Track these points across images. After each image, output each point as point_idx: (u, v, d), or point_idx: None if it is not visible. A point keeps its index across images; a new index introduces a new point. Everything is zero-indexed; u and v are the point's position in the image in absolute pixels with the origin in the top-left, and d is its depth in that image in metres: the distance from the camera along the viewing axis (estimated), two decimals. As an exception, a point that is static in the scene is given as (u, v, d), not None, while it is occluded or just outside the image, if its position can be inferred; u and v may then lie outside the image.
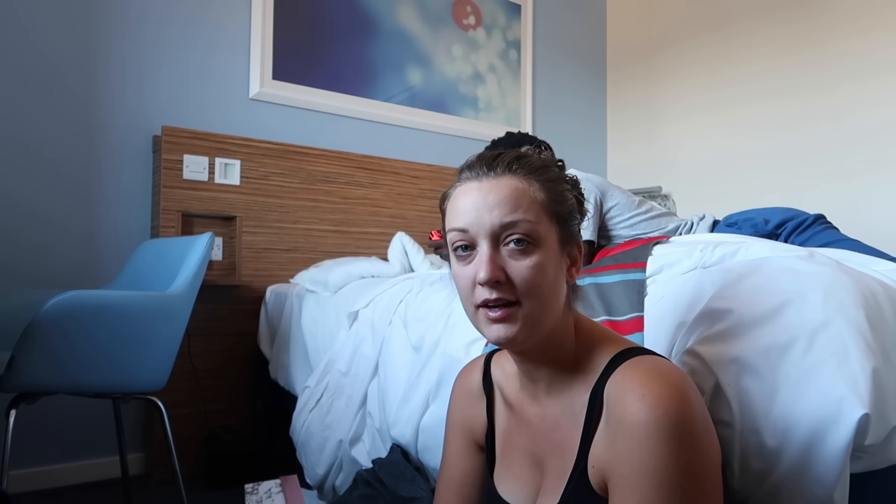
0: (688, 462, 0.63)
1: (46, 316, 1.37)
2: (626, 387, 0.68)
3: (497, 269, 0.70)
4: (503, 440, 0.85)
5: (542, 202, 0.73)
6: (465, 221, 0.72)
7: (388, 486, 1.32)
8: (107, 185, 2.27)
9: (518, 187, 0.72)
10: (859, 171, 2.66)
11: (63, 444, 2.13)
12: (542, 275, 0.71)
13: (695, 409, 0.65)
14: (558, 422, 0.76)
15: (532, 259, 0.70)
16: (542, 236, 0.72)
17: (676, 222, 1.75)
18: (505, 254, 0.71)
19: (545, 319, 0.72)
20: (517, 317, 0.70)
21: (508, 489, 0.82)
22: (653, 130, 3.55)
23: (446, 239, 0.78)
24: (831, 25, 2.79)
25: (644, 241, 1.24)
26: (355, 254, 2.65)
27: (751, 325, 0.85)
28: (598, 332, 0.78)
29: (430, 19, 3.10)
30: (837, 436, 0.74)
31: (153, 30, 2.38)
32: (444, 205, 0.79)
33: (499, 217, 0.71)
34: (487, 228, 0.71)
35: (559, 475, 0.74)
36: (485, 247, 0.71)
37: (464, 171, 0.77)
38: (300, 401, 1.81)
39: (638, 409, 0.65)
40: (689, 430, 0.64)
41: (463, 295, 0.74)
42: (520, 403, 0.82)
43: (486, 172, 0.74)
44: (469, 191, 0.74)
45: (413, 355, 1.43)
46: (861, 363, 0.76)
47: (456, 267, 0.75)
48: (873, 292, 0.87)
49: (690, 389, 0.67)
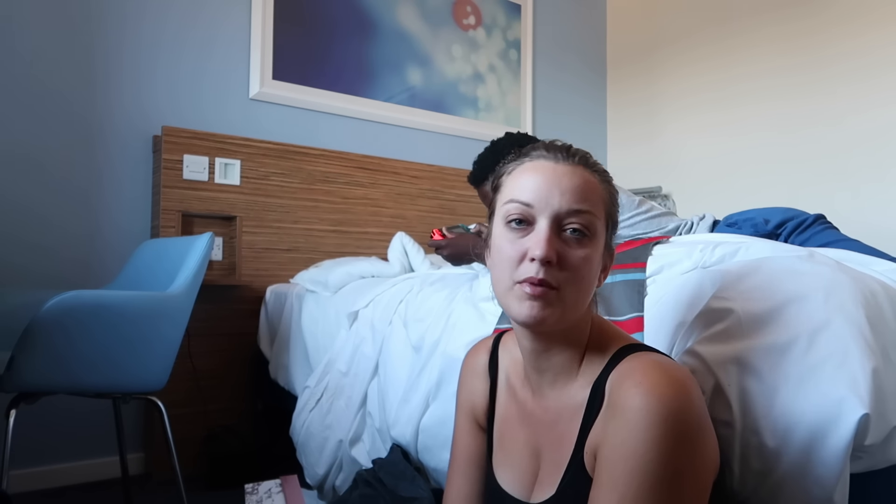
0: (672, 456, 0.63)
1: (46, 316, 1.37)
2: (626, 375, 0.68)
3: (553, 249, 0.70)
4: (502, 426, 0.85)
5: (605, 201, 0.75)
6: (531, 196, 0.72)
7: (388, 486, 1.32)
8: (107, 185, 2.27)
9: (591, 181, 0.74)
10: (860, 171, 2.66)
11: (63, 444, 2.13)
12: (588, 267, 0.72)
13: (692, 407, 0.65)
14: (560, 414, 0.76)
15: (585, 251, 0.71)
16: (597, 232, 0.73)
17: (676, 222, 1.75)
18: (561, 239, 0.71)
19: (575, 311, 0.72)
20: (554, 300, 0.70)
21: (506, 478, 0.82)
22: (653, 130, 3.55)
23: (493, 210, 0.78)
24: (832, 25, 2.78)
25: (644, 241, 1.24)
26: (355, 254, 2.65)
27: (751, 325, 0.85)
28: (609, 329, 0.79)
29: (430, 19, 3.10)
30: (837, 436, 0.74)
31: (153, 29, 2.38)
32: (502, 178, 0.78)
33: (569, 202, 0.71)
34: (555, 209, 0.71)
35: (556, 466, 0.75)
36: (544, 225, 0.71)
37: (537, 149, 0.77)
38: (300, 401, 1.81)
39: (633, 394, 0.65)
40: (681, 424, 0.63)
41: (504, 268, 0.73)
42: (524, 393, 0.83)
43: (564, 157, 0.75)
44: (542, 168, 0.74)
45: (413, 355, 1.43)
46: (861, 363, 0.76)
47: (503, 238, 0.74)
48: (873, 292, 0.87)
49: (692, 387, 0.66)
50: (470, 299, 1.37)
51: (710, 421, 0.68)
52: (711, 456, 0.67)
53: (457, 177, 2.98)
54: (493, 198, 0.80)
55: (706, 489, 0.66)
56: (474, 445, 0.90)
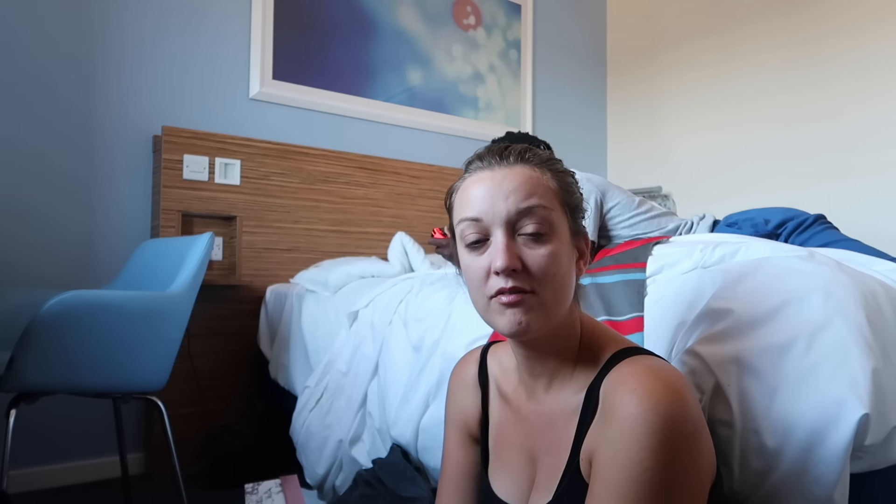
0: (668, 464, 0.62)
1: (46, 316, 1.37)
2: (621, 381, 0.67)
3: (514, 256, 0.69)
4: (497, 435, 0.84)
5: (555, 190, 0.73)
6: (478, 210, 0.72)
7: (388, 486, 1.32)
8: (107, 185, 2.27)
9: (532, 175, 0.72)
10: (860, 171, 2.66)
11: (63, 444, 2.13)
12: (556, 264, 0.70)
13: (688, 414, 0.64)
14: (554, 419, 0.76)
15: (547, 248, 0.70)
16: (556, 225, 0.72)
17: (676, 222, 1.75)
18: (520, 242, 0.70)
19: (558, 309, 0.71)
20: (532, 305, 0.69)
21: (502, 486, 0.81)
22: (653, 130, 3.56)
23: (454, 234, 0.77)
24: (830, 20, 2.78)
25: (644, 241, 1.24)
26: (355, 254, 2.65)
27: (751, 325, 0.85)
28: (600, 331, 0.78)
29: (430, 19, 3.10)
30: (837, 436, 0.74)
31: (153, 29, 2.38)
32: (452, 199, 0.78)
33: (515, 203, 0.70)
34: (503, 216, 0.70)
35: (552, 472, 0.74)
36: (500, 235, 0.70)
37: (473, 162, 0.76)
38: (300, 401, 1.81)
39: (628, 401, 0.64)
40: (677, 432, 0.62)
41: (474, 287, 0.73)
42: (517, 400, 0.81)
43: (498, 162, 0.73)
44: (481, 180, 0.73)
45: (413, 355, 1.43)
46: (861, 363, 0.76)
47: (467, 258, 0.74)
48: (873, 292, 0.87)
49: (687, 394, 0.65)
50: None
51: (705, 426, 0.68)
52: (708, 461, 0.67)
53: (457, 177, 2.93)
54: (450, 220, 0.79)
55: (703, 495, 0.66)
56: (466, 458, 0.89)
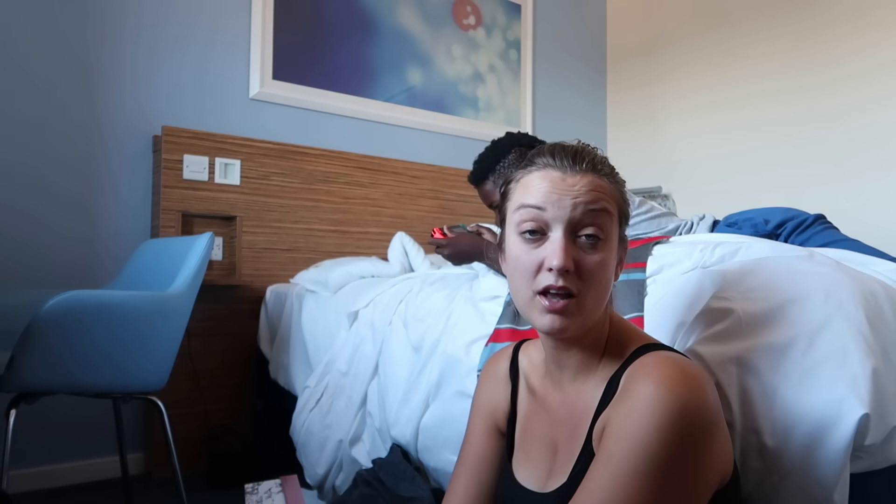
0: (672, 446, 0.62)
1: (46, 316, 1.37)
2: (640, 368, 0.69)
3: (570, 257, 0.70)
4: (523, 426, 0.86)
5: (615, 199, 0.75)
6: (542, 201, 0.72)
7: (388, 486, 1.32)
8: (107, 185, 2.27)
9: (600, 184, 0.74)
10: (859, 172, 2.66)
11: (63, 444, 2.13)
12: (606, 271, 0.72)
13: (703, 406, 0.64)
14: (576, 407, 0.77)
15: (601, 255, 0.72)
16: (611, 233, 0.73)
17: (676, 222, 1.75)
18: (577, 245, 0.72)
19: (596, 313, 0.73)
20: (574, 310, 0.71)
21: (524, 474, 0.83)
22: (653, 130, 3.55)
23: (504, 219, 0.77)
24: (833, 25, 2.78)
25: (644, 241, 1.24)
26: (355, 254, 2.65)
27: (751, 325, 0.85)
28: (628, 328, 0.80)
29: (430, 19, 3.10)
30: (837, 436, 0.74)
31: (153, 29, 2.38)
32: (510, 185, 0.78)
33: (582, 209, 0.71)
34: (568, 217, 0.71)
35: (569, 456, 0.75)
36: (560, 233, 0.71)
37: (542, 156, 0.76)
38: (300, 401, 1.81)
39: (643, 383, 0.66)
40: (688, 419, 0.63)
41: (521, 278, 0.73)
42: (543, 391, 0.83)
43: (571, 165, 0.74)
44: (551, 178, 0.73)
45: (413, 355, 1.43)
46: (861, 363, 0.76)
47: (518, 248, 0.74)
48: (873, 292, 0.87)
49: (707, 388, 0.66)
50: (470, 299, 1.37)
51: (723, 426, 0.67)
52: (718, 462, 0.66)
53: (457, 177, 2.98)
54: (503, 205, 0.80)
55: (705, 491, 0.65)
56: (487, 447, 0.90)
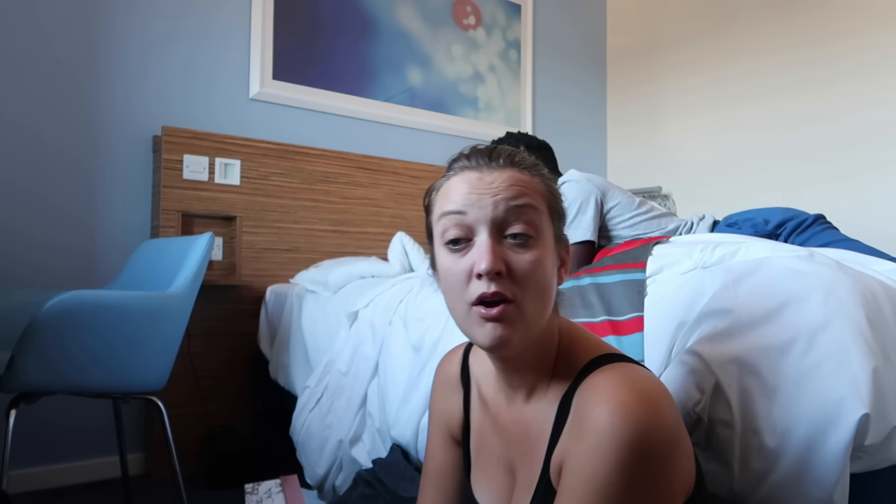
0: (636, 479, 0.59)
1: (46, 316, 1.37)
2: (593, 392, 0.64)
3: (499, 258, 0.65)
4: (478, 440, 0.82)
5: (543, 194, 0.70)
6: (462, 204, 0.67)
7: (388, 486, 1.32)
8: (107, 185, 2.27)
9: (522, 178, 0.69)
10: (859, 171, 2.66)
11: (63, 444, 2.13)
12: (541, 271, 0.67)
13: (662, 428, 0.60)
14: (530, 430, 0.73)
15: (533, 253, 0.66)
16: (542, 230, 0.68)
17: (676, 222, 1.75)
18: (505, 246, 0.67)
19: (539, 321, 0.68)
20: (514, 315, 0.65)
21: (483, 494, 0.80)
22: (653, 130, 3.56)
23: (431, 234, 0.73)
24: (831, 22, 2.78)
25: (644, 241, 1.24)
26: (355, 254, 2.65)
27: (751, 325, 0.85)
28: (578, 337, 0.74)
29: (430, 19, 3.10)
30: (837, 436, 0.74)
31: (153, 29, 2.38)
32: (431, 197, 0.73)
33: (504, 205, 0.66)
34: (491, 215, 0.66)
35: (527, 483, 0.72)
36: (485, 235, 0.66)
37: (458, 160, 0.72)
38: (300, 401, 1.81)
39: (598, 412, 0.61)
40: (648, 447, 0.59)
41: (454, 292, 0.68)
42: (496, 407, 0.78)
43: (487, 163, 0.69)
44: (468, 179, 0.69)
45: (413, 355, 1.43)
46: (861, 363, 0.76)
47: (446, 260, 0.69)
48: (873, 292, 0.87)
49: (664, 406, 0.62)
50: (470, 299, 1.37)
51: (684, 440, 0.64)
52: (683, 476, 0.64)
53: (457, 177, 2.97)
54: (427, 220, 0.74)
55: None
56: (448, 459, 0.87)
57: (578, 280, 1.14)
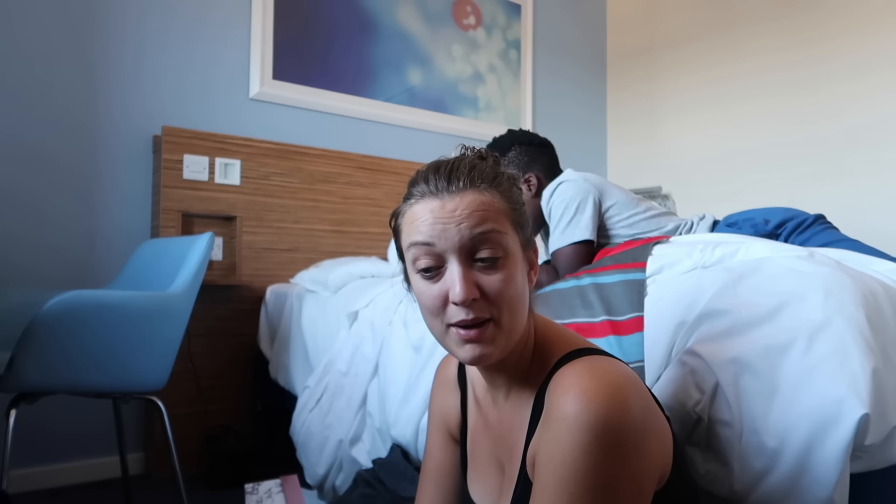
0: (603, 463, 0.60)
1: (46, 316, 1.38)
2: (559, 383, 0.66)
3: (472, 287, 0.67)
4: (472, 439, 0.85)
5: (505, 211, 0.71)
6: (429, 235, 0.68)
7: (388, 486, 1.32)
8: (107, 185, 2.27)
9: (483, 200, 0.69)
10: (859, 171, 2.66)
11: (63, 444, 2.13)
12: (513, 287, 0.69)
13: (626, 413, 0.62)
14: (511, 427, 0.75)
15: (503, 273, 0.68)
16: (509, 247, 0.69)
17: (676, 222, 1.75)
18: (476, 269, 0.68)
19: (516, 331, 0.70)
20: (493, 334, 0.68)
21: (477, 491, 0.82)
22: (653, 130, 3.56)
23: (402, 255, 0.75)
24: (830, 20, 2.78)
25: (644, 241, 1.24)
26: (355, 254, 2.65)
27: (751, 325, 0.85)
28: (553, 334, 0.76)
29: (430, 19, 3.10)
30: (837, 436, 0.74)
31: (153, 29, 2.38)
32: (398, 221, 0.75)
33: (468, 230, 0.67)
34: (457, 243, 0.67)
35: (510, 479, 0.74)
36: (455, 264, 0.68)
37: (418, 184, 0.72)
38: (300, 401, 1.81)
39: (562, 402, 0.63)
40: (612, 431, 0.60)
41: (431, 314, 0.70)
42: (486, 406, 0.81)
43: (446, 188, 0.70)
44: (430, 208, 0.69)
45: (413, 355, 1.43)
46: (861, 363, 0.76)
47: (420, 285, 0.71)
48: (873, 292, 0.87)
49: (628, 391, 0.63)
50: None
51: (654, 425, 0.66)
52: (654, 461, 0.65)
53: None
54: (397, 241, 0.76)
55: (645, 496, 0.64)
56: (446, 457, 0.89)
57: (578, 280, 1.14)
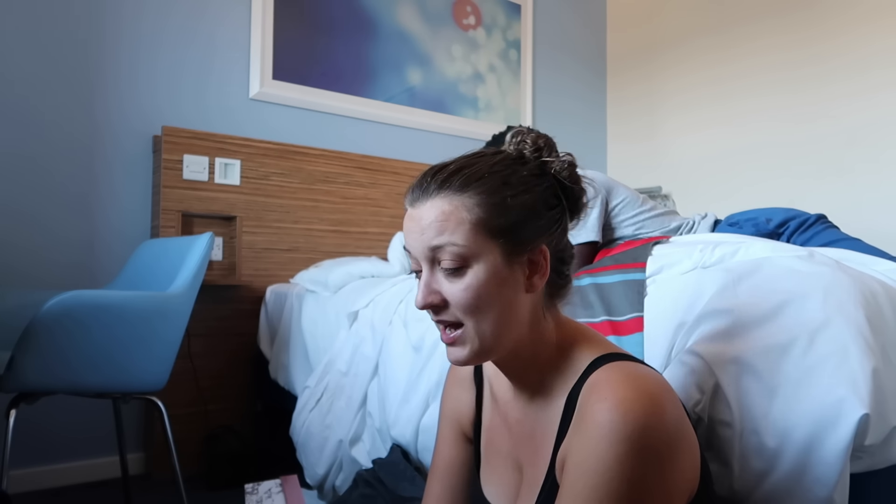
0: (636, 474, 0.60)
1: (46, 316, 1.37)
2: (594, 389, 0.66)
3: (430, 293, 0.70)
4: (487, 438, 0.84)
5: (474, 220, 0.68)
6: (407, 242, 0.73)
7: (388, 486, 1.32)
8: (107, 185, 2.27)
9: (444, 210, 0.69)
10: (859, 169, 2.66)
11: (63, 444, 2.13)
12: (476, 296, 0.68)
13: (663, 424, 0.61)
14: (535, 429, 0.75)
15: (464, 281, 0.69)
16: (473, 257, 0.68)
17: (679, 221, 1.75)
18: (441, 275, 0.70)
19: (500, 337, 0.70)
20: (466, 338, 0.70)
21: (492, 490, 0.81)
22: (653, 129, 3.55)
23: None
24: (830, 19, 2.78)
25: (644, 241, 1.24)
26: (355, 254, 2.65)
27: (751, 325, 0.85)
28: (581, 336, 0.76)
29: (430, 19, 3.10)
30: (837, 436, 0.74)
31: (152, 29, 2.38)
32: None
33: (427, 240, 0.70)
34: (424, 253, 0.71)
35: (534, 482, 0.73)
36: (425, 270, 0.71)
37: (406, 192, 0.76)
38: (300, 401, 1.81)
39: (597, 409, 0.63)
40: (648, 441, 0.60)
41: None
42: (506, 405, 0.81)
43: (418, 196, 0.73)
44: (408, 215, 0.74)
45: (413, 355, 1.43)
46: (861, 363, 0.76)
47: None
48: (873, 292, 0.87)
49: (665, 402, 0.63)
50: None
51: (688, 438, 0.65)
52: (686, 474, 0.65)
53: (457, 177, 2.97)
54: None
55: None
56: (457, 455, 0.88)
57: (578, 280, 1.14)
